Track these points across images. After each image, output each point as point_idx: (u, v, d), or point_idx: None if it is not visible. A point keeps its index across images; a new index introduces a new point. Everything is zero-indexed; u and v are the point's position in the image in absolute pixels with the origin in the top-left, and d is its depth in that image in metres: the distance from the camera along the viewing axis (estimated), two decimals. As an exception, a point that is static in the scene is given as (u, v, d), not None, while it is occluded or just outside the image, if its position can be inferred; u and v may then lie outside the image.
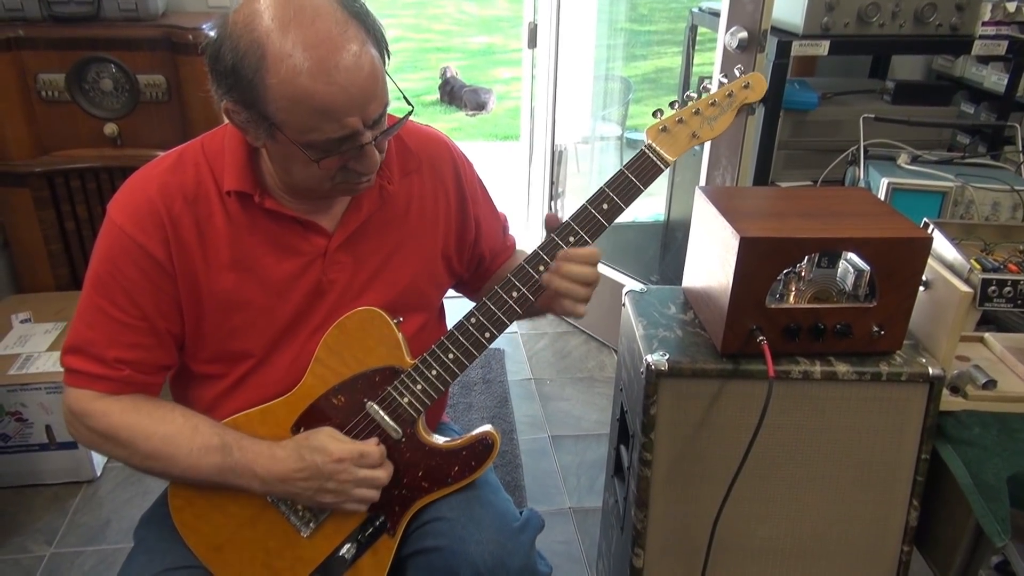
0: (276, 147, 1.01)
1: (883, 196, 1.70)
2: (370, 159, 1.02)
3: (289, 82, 0.91)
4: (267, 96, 0.93)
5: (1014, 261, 1.29)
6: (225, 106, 0.98)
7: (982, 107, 2.51)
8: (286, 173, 1.06)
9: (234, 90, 0.95)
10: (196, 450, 1.07)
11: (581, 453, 2.36)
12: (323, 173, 1.01)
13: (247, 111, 0.97)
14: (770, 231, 1.14)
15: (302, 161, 0.99)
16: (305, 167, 1.00)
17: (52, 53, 2.23)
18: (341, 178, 1.04)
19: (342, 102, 0.93)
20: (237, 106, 0.97)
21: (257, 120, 0.97)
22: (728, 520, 1.23)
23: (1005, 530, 1.15)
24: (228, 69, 0.94)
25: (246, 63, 0.92)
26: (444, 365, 1.10)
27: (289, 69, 0.91)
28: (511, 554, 1.10)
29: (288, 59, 0.91)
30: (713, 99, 1.12)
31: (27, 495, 2.12)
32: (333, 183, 1.04)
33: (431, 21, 11.69)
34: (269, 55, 0.91)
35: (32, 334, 2.23)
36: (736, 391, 1.21)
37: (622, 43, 3.78)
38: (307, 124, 0.95)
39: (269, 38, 0.91)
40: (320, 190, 1.06)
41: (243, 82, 0.93)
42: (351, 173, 1.03)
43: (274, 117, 0.95)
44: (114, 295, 1.06)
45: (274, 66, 0.91)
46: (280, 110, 0.94)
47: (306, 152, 0.97)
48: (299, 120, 0.95)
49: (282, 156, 1.02)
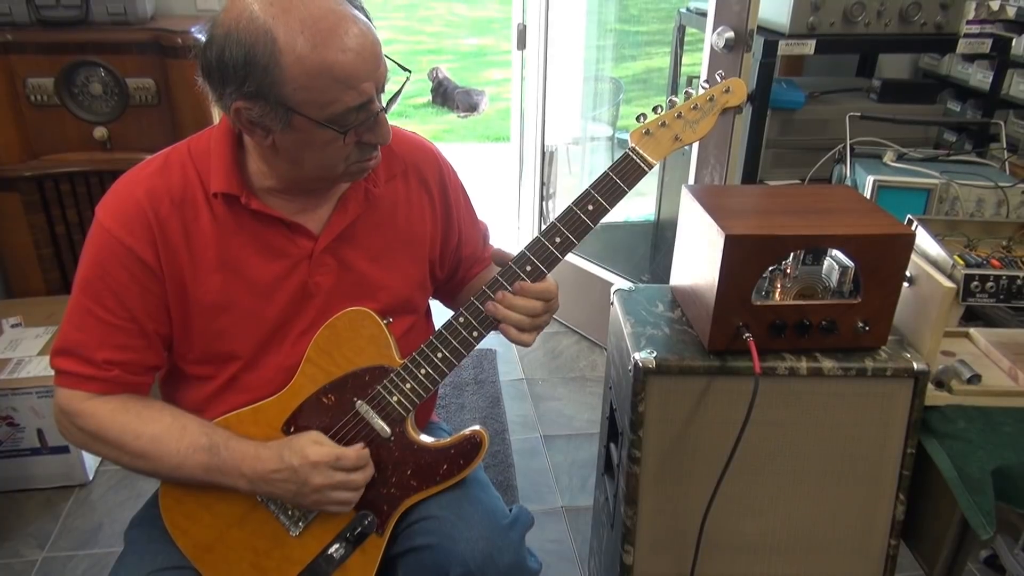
0: (291, 136, 1.00)
1: (869, 194, 1.72)
2: (384, 126, 1.04)
3: (306, 57, 0.93)
4: (284, 78, 0.94)
5: (997, 256, 1.31)
6: (236, 106, 0.98)
7: (968, 105, 2.53)
8: (297, 165, 1.05)
9: (248, 83, 0.95)
10: (184, 449, 1.08)
11: (573, 452, 2.37)
12: (340, 153, 1.02)
13: (262, 103, 0.97)
14: (755, 229, 1.15)
15: (320, 143, 1.00)
16: (322, 150, 1.01)
17: (41, 57, 2.23)
18: (356, 156, 1.05)
19: (358, 67, 0.95)
20: (250, 101, 0.97)
21: (273, 110, 0.97)
22: (717, 516, 1.24)
23: (990, 523, 1.16)
24: (240, 63, 0.94)
25: (258, 51, 0.93)
26: (433, 364, 1.11)
27: (303, 45, 0.93)
28: (501, 551, 1.10)
29: (299, 36, 0.92)
30: (695, 103, 1.13)
31: (19, 500, 2.12)
32: (347, 164, 1.05)
33: (422, 23, 11.70)
34: (280, 38, 0.92)
35: (22, 338, 2.23)
36: (723, 388, 1.22)
37: (612, 44, 3.79)
38: (327, 97, 0.96)
39: (275, 22, 0.92)
40: (332, 175, 1.07)
41: (257, 70, 0.94)
42: (365, 148, 1.05)
43: (292, 99, 0.96)
44: (102, 297, 1.07)
45: (287, 46, 0.93)
46: (299, 89, 0.95)
47: (330, 127, 0.98)
48: (319, 95, 0.95)
49: (296, 145, 1.02)
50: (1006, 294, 1.25)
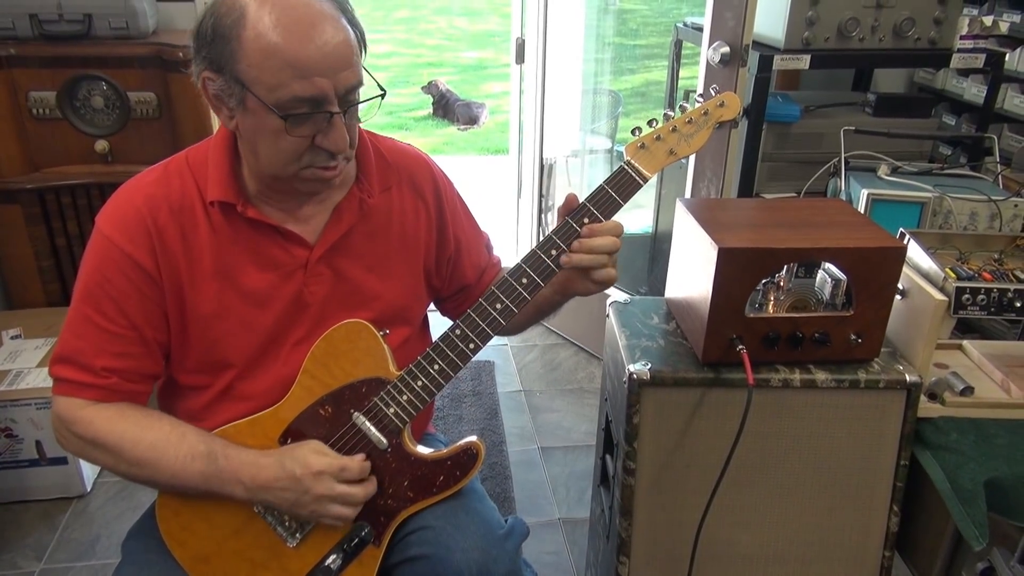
0: (247, 119, 1.02)
1: (863, 207, 1.73)
2: (338, 133, 1.03)
3: (263, 35, 0.96)
4: (240, 52, 0.97)
5: (988, 270, 1.32)
6: (203, 75, 1.01)
7: (962, 118, 2.55)
8: (255, 155, 1.06)
9: (212, 50, 0.99)
10: (182, 457, 1.08)
11: (570, 464, 2.37)
12: (291, 148, 1.02)
13: (221, 76, 1.00)
14: (748, 242, 1.17)
15: (271, 132, 1.01)
16: (274, 141, 1.02)
17: (43, 71, 2.25)
18: (308, 160, 1.04)
19: (312, 58, 0.97)
20: (213, 72, 1.00)
21: (229, 85, 1.00)
22: (711, 528, 1.25)
23: (983, 534, 1.17)
24: (209, 31, 0.98)
25: (225, 22, 0.97)
26: (429, 376, 1.12)
27: (265, 24, 0.96)
28: (496, 561, 1.11)
29: (266, 16, 0.96)
30: (689, 117, 1.15)
31: (16, 511, 2.12)
32: (300, 165, 1.04)
33: (423, 36, 11.76)
34: (249, 13, 0.96)
35: (22, 350, 2.23)
36: (717, 400, 1.23)
37: (611, 57, 3.81)
38: (276, 79, 0.97)
39: (252, 1, 0.96)
40: (286, 174, 1.06)
41: (220, 40, 0.97)
42: (319, 154, 1.04)
43: (245, 75, 0.98)
44: (102, 305, 1.08)
45: (252, 22, 0.96)
46: (251, 66, 0.97)
47: (274, 111, 0.99)
48: (269, 75, 0.97)
49: (252, 130, 1.03)
50: (997, 307, 1.26)
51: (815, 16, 2.01)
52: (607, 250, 1.10)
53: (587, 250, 1.10)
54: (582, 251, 1.10)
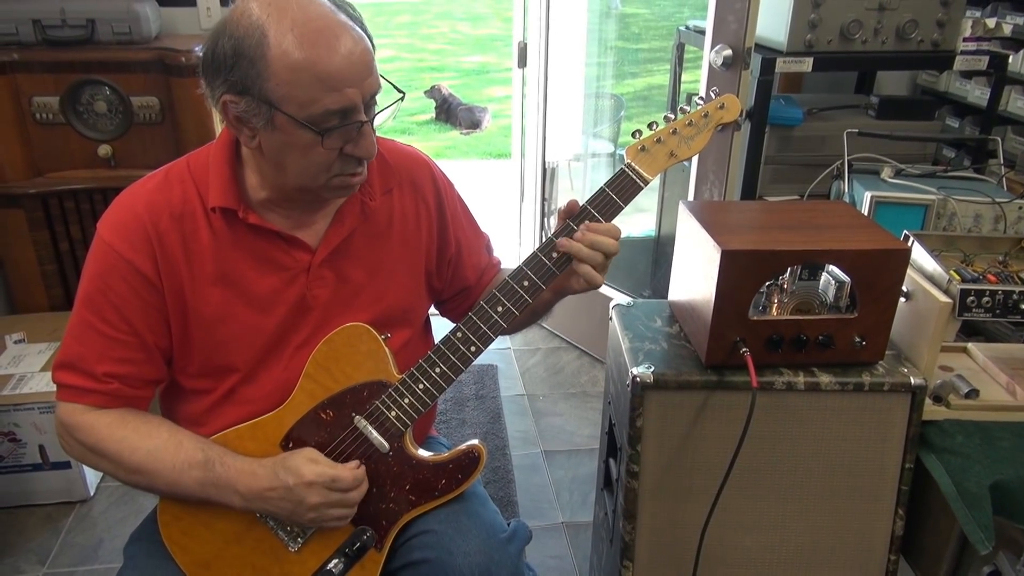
0: (274, 136, 1.01)
1: (866, 210, 1.73)
2: (368, 140, 1.04)
3: (289, 53, 0.95)
4: (268, 72, 0.95)
5: (993, 272, 1.31)
6: (224, 99, 1.00)
7: (966, 121, 2.54)
8: (280, 170, 1.06)
9: (234, 73, 0.97)
10: (179, 465, 1.08)
11: (574, 468, 2.36)
12: (321, 160, 1.02)
13: (246, 96, 0.98)
14: (751, 244, 1.16)
15: (301, 147, 1.01)
16: (304, 155, 1.02)
17: (47, 76, 2.26)
18: (338, 168, 1.05)
19: (343, 70, 0.97)
20: (236, 95, 0.99)
21: (257, 105, 0.98)
22: (715, 531, 1.24)
23: (989, 538, 1.16)
24: (228, 53, 0.96)
25: (247, 42, 0.95)
26: (431, 379, 1.12)
27: (289, 42, 0.95)
28: (499, 565, 1.11)
29: (289, 32, 0.95)
30: (690, 119, 1.14)
31: (20, 516, 2.12)
32: (329, 175, 1.05)
33: (425, 41, 11.79)
34: (271, 32, 0.95)
35: (25, 354, 2.24)
36: (721, 402, 1.22)
37: (613, 61, 3.81)
38: (308, 95, 0.97)
39: (269, 19, 0.95)
40: (315, 185, 1.06)
41: (244, 61, 0.96)
42: (348, 162, 1.05)
43: (274, 93, 0.97)
44: (104, 311, 1.08)
45: (276, 40, 0.95)
46: (281, 84, 0.96)
47: (309, 128, 0.98)
48: (300, 92, 0.96)
49: (279, 147, 1.03)
50: (1002, 309, 1.26)
51: (818, 19, 2.01)
52: (606, 248, 1.10)
53: (588, 243, 1.09)
54: (583, 242, 1.09)
